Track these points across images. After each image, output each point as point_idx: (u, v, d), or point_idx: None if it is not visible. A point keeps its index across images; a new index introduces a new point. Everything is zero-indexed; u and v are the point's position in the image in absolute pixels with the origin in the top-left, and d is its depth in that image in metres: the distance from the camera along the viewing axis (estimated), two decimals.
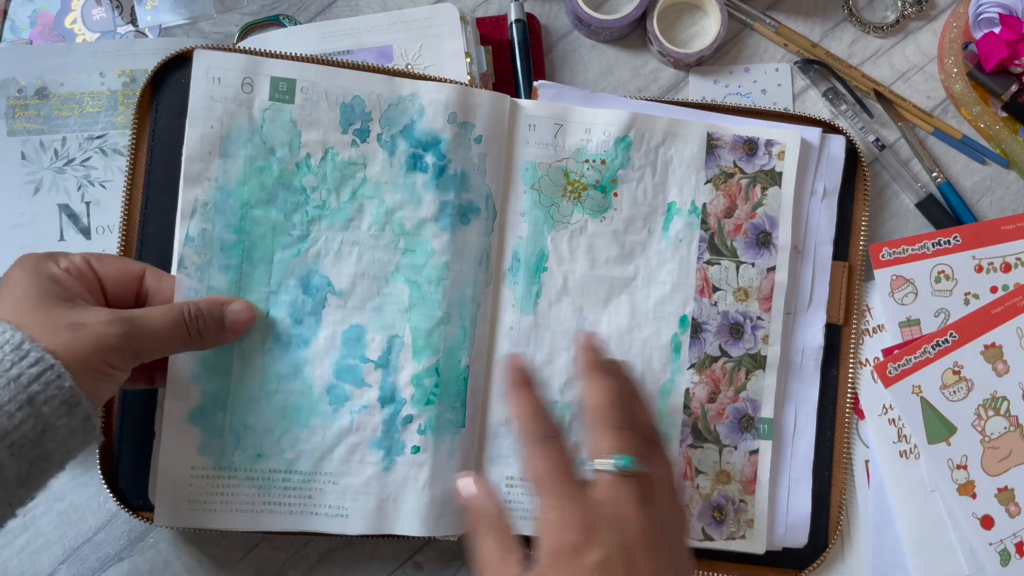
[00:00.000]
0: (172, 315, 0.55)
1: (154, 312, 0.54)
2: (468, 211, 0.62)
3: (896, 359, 0.67)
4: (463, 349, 0.62)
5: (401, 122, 0.62)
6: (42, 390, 0.47)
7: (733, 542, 0.64)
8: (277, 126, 0.61)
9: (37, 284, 0.51)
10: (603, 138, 0.64)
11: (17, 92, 0.67)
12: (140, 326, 0.53)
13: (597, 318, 0.64)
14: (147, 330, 0.53)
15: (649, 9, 0.71)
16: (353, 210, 0.61)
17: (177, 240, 0.60)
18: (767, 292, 0.65)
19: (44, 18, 0.72)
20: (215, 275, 0.60)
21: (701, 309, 0.65)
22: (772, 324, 0.65)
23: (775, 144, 0.65)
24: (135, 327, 0.52)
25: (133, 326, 0.52)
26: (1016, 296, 0.67)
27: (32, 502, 0.50)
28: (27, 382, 0.47)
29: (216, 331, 0.57)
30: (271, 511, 0.60)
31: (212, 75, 0.60)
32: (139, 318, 0.53)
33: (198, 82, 0.60)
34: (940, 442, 0.66)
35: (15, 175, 0.67)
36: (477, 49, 0.69)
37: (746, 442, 0.65)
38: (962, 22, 0.71)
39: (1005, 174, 0.72)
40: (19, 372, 0.47)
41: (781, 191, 0.65)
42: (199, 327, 0.56)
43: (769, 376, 0.65)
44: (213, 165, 0.60)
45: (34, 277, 0.52)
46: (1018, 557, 0.65)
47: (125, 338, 0.51)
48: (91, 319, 0.51)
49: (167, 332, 0.54)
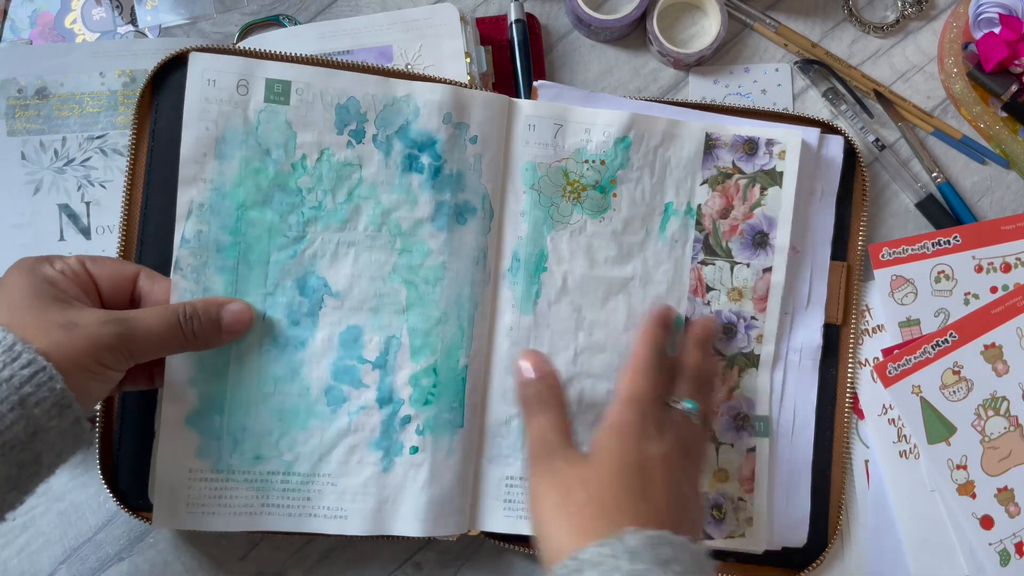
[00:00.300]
0: (167, 316, 0.55)
1: (149, 313, 0.55)
2: (464, 211, 0.62)
3: (896, 359, 0.67)
4: (461, 349, 0.62)
5: (396, 123, 0.62)
6: (34, 392, 0.47)
7: (732, 541, 0.64)
8: (272, 127, 0.61)
9: (32, 286, 0.52)
10: (603, 138, 0.64)
11: (17, 92, 0.67)
12: (134, 327, 0.53)
13: (595, 318, 0.64)
14: (141, 330, 0.53)
15: (649, 9, 0.71)
16: (349, 211, 0.61)
17: (174, 242, 0.60)
18: (762, 292, 0.65)
19: (44, 18, 0.72)
20: (211, 277, 0.60)
21: (694, 309, 0.65)
22: (766, 324, 0.65)
23: (776, 143, 0.65)
24: (129, 327, 0.52)
25: (127, 326, 0.52)
26: (1016, 296, 0.67)
27: (27, 504, 0.50)
28: (19, 384, 0.47)
29: (212, 332, 0.57)
30: (270, 513, 0.60)
31: (207, 77, 0.60)
32: (133, 319, 0.53)
33: (193, 84, 0.60)
34: (940, 442, 0.66)
35: (15, 175, 0.67)
36: (477, 49, 0.69)
37: (743, 440, 0.65)
38: (962, 22, 0.71)
39: (1005, 174, 0.72)
40: (11, 374, 0.47)
41: (781, 191, 0.65)
42: (194, 328, 0.56)
43: (763, 374, 0.65)
44: (208, 167, 0.60)
45: (29, 279, 0.52)
46: (1018, 557, 0.65)
47: (119, 338, 0.52)
48: (85, 319, 0.51)
49: (161, 333, 0.54)
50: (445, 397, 0.62)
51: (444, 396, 0.62)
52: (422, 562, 0.67)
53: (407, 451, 0.61)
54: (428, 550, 0.67)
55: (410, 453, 0.61)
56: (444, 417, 0.62)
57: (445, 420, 0.62)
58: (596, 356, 0.64)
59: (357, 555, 0.67)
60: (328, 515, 0.61)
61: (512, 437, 0.63)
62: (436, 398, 0.61)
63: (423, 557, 0.67)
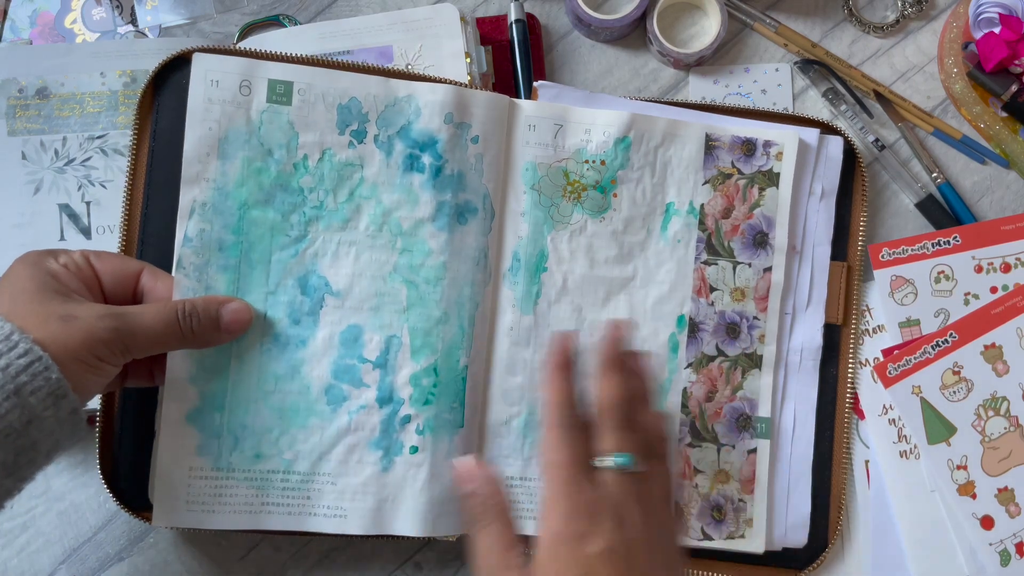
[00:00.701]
0: (166, 312, 0.55)
1: (148, 309, 0.55)
2: (465, 211, 0.62)
3: (896, 359, 0.67)
4: (461, 349, 0.62)
5: (398, 123, 0.62)
6: (29, 381, 0.48)
7: (732, 541, 0.64)
8: (275, 128, 0.61)
9: (35, 278, 0.52)
10: (603, 139, 0.64)
11: (18, 92, 0.67)
12: (131, 322, 0.53)
13: (596, 318, 0.64)
14: (139, 326, 0.53)
15: (649, 9, 0.71)
16: (350, 211, 0.61)
17: (176, 240, 0.60)
18: (763, 292, 0.65)
19: (44, 18, 0.72)
20: (213, 275, 0.60)
21: (698, 309, 0.65)
22: (768, 324, 0.65)
23: (773, 145, 0.65)
24: (126, 322, 0.53)
25: (124, 321, 0.53)
26: (1016, 296, 0.67)
27: (27, 504, 0.50)
28: (15, 372, 0.47)
29: (211, 330, 0.57)
30: (270, 511, 0.60)
31: (210, 78, 0.60)
32: (132, 314, 0.53)
33: (196, 84, 0.60)
34: (940, 442, 0.66)
35: (15, 175, 0.67)
36: (477, 49, 0.69)
37: (744, 441, 0.65)
38: (962, 22, 0.71)
39: (1005, 174, 0.72)
40: (7, 362, 0.47)
41: (779, 192, 0.65)
42: (192, 325, 0.56)
43: (765, 375, 0.65)
44: (211, 166, 0.60)
45: (32, 271, 0.52)
46: (1018, 557, 0.65)
47: (115, 332, 0.52)
48: (83, 312, 0.51)
49: (160, 329, 0.55)
50: (445, 397, 0.62)
51: (444, 396, 0.62)
52: (422, 562, 0.67)
53: (407, 451, 0.61)
54: (428, 550, 0.67)
55: (410, 453, 0.61)
56: (444, 417, 0.62)
57: (445, 420, 0.62)
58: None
59: (357, 555, 0.67)
60: (328, 514, 0.61)
61: (512, 437, 0.63)
62: (436, 398, 0.61)
63: (423, 557, 0.67)
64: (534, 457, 0.63)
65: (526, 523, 0.63)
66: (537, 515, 0.60)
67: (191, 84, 0.60)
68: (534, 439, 0.63)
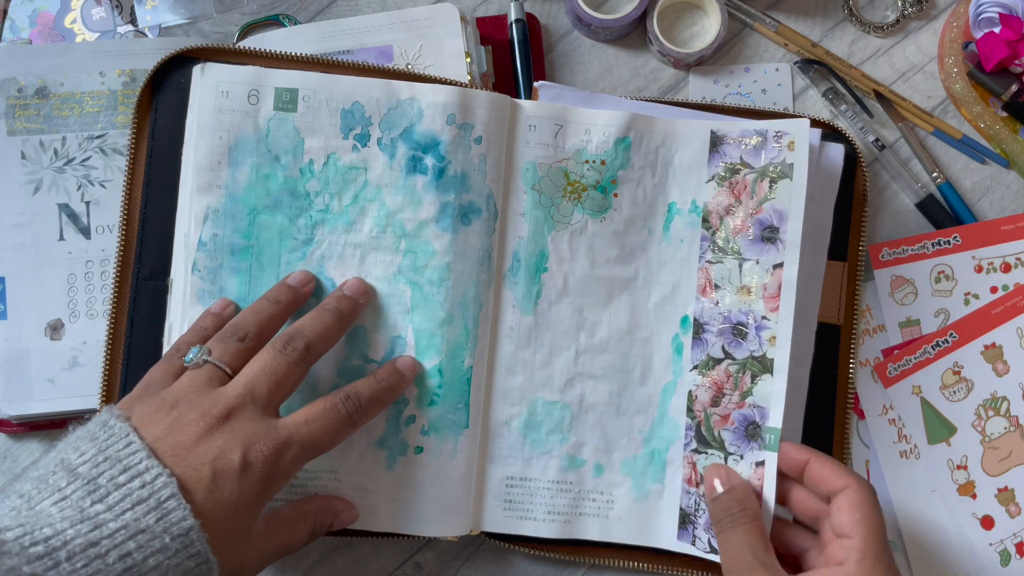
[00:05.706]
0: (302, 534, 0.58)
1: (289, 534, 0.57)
2: (469, 212, 0.62)
3: (896, 359, 0.67)
4: (466, 349, 0.62)
5: (400, 125, 0.62)
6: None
7: None
8: (281, 134, 0.61)
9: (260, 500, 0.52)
10: (603, 139, 0.64)
11: (17, 92, 0.67)
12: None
13: (597, 318, 0.64)
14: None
15: (649, 9, 0.71)
16: (355, 213, 0.62)
17: (190, 245, 0.61)
18: (774, 290, 0.61)
19: (44, 18, 0.72)
20: (226, 278, 0.61)
21: (703, 309, 0.63)
22: (780, 325, 0.60)
23: (784, 134, 0.62)
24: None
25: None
26: (1016, 296, 0.67)
27: None
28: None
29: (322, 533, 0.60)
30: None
31: (221, 89, 0.61)
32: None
33: (207, 95, 0.61)
34: (940, 442, 0.66)
35: (15, 175, 0.67)
36: (477, 49, 0.69)
37: (752, 452, 0.60)
38: (962, 22, 0.71)
39: (1005, 174, 0.72)
40: (178, 562, 0.47)
41: (792, 183, 0.61)
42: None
43: (777, 381, 0.60)
44: (222, 173, 0.61)
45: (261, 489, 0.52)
46: (1018, 557, 0.65)
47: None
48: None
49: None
50: (450, 398, 0.62)
51: (449, 397, 0.62)
52: (422, 562, 0.67)
53: (412, 451, 0.61)
54: (428, 550, 0.67)
55: (415, 453, 0.61)
56: (449, 418, 0.62)
57: (450, 421, 0.62)
58: (598, 357, 0.64)
59: (357, 555, 0.66)
60: None
61: (512, 437, 0.63)
62: (441, 398, 0.61)
63: (423, 557, 0.67)
64: (534, 457, 0.63)
65: (527, 523, 0.63)
66: None
67: (201, 95, 0.61)
68: (534, 439, 0.63)
